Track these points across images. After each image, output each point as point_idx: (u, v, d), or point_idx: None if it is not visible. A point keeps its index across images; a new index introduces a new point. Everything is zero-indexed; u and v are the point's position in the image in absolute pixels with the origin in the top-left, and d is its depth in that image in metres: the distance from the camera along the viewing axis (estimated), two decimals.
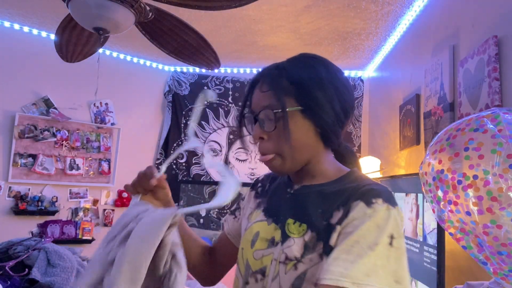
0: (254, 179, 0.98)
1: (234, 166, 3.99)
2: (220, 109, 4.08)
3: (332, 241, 0.68)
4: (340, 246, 0.65)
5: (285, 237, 0.74)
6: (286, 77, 0.75)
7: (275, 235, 0.76)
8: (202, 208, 0.69)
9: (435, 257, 1.69)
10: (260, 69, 0.81)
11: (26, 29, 3.31)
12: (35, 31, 3.35)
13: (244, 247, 0.81)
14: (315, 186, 0.78)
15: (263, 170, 3.95)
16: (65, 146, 3.49)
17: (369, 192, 0.68)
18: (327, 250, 0.68)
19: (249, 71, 4.09)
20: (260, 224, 0.81)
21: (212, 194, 3.85)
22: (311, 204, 0.75)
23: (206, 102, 0.79)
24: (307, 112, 0.74)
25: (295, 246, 0.71)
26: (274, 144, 0.75)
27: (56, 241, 2.58)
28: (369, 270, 0.61)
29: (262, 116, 0.75)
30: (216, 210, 3.79)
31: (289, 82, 0.75)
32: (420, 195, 1.91)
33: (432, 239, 1.74)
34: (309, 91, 0.74)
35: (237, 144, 4.01)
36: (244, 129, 0.83)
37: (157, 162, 4.00)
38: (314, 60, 0.78)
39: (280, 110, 0.73)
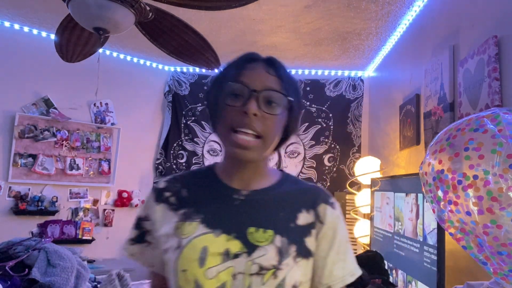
0: (153, 189, 0.85)
1: None
2: None
3: (310, 244, 0.76)
4: (331, 250, 0.77)
5: (251, 247, 0.72)
6: (291, 78, 0.80)
7: (230, 246, 0.72)
8: None
9: (435, 257, 1.69)
10: None
11: (26, 29, 3.31)
12: (35, 31, 3.35)
13: (187, 269, 0.71)
14: (266, 190, 0.80)
15: None
16: (65, 146, 3.49)
17: (324, 194, 0.81)
18: (302, 251, 0.74)
19: None
20: (205, 238, 0.73)
21: None
22: (271, 209, 0.77)
23: None
24: (292, 113, 0.79)
25: (269, 255, 0.71)
26: (264, 125, 0.73)
27: (56, 241, 2.58)
28: (354, 259, 0.80)
29: (266, 95, 0.74)
30: None
31: (293, 82, 0.80)
32: (420, 195, 1.91)
33: (432, 239, 1.74)
34: (299, 100, 0.82)
35: None
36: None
37: (157, 162, 4.00)
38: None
39: (290, 98, 0.76)
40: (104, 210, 3.71)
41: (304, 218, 0.77)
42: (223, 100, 0.75)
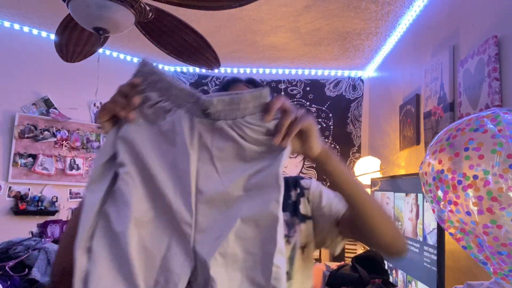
0: None
1: None
2: None
3: (303, 210, 0.97)
4: (322, 199, 0.97)
5: None
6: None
7: None
8: None
9: (435, 257, 1.69)
10: (259, 70, 0.86)
11: (26, 29, 3.31)
12: (35, 31, 3.35)
13: None
14: None
15: None
16: (65, 146, 3.49)
17: (301, 178, 1.04)
18: (300, 218, 0.96)
19: (249, 71, 4.08)
20: None
21: None
22: None
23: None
24: None
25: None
26: None
27: (56, 241, 2.57)
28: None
29: None
30: None
31: None
32: (420, 195, 1.91)
33: (432, 239, 1.74)
34: None
35: None
36: None
37: None
38: None
39: None
40: None
41: (294, 194, 0.99)
42: None
